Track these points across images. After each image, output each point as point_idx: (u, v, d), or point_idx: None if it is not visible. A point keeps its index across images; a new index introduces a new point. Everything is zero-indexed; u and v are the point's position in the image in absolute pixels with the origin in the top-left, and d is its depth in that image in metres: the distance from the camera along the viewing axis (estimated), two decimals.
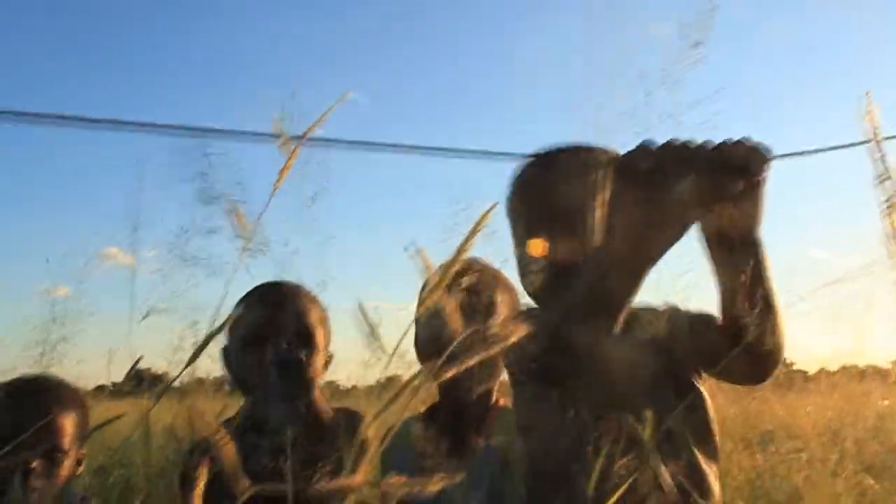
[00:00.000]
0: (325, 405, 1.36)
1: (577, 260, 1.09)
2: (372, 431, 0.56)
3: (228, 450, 0.45)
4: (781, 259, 1.00)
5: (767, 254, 0.94)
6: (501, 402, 1.60)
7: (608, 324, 1.02)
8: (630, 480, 0.97)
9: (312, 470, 0.90)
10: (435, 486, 0.45)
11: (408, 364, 1.63)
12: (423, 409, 1.76)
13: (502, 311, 1.46)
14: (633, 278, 0.92)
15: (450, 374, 0.57)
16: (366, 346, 0.54)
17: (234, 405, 1.52)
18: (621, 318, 1.06)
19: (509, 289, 1.49)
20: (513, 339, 0.65)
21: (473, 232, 0.51)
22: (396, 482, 0.45)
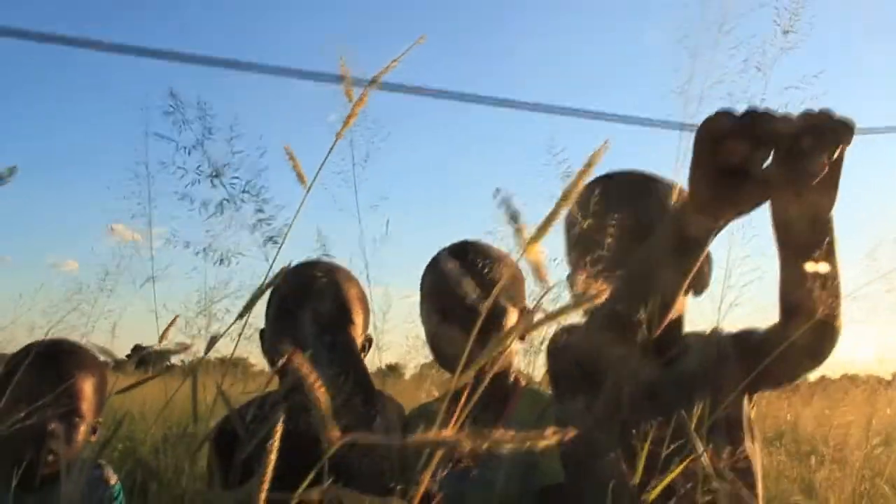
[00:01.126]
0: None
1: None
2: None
3: (322, 394, 0.42)
4: None
5: (836, 234, 0.92)
6: (523, 382, 1.57)
7: (657, 320, 1.00)
8: (679, 468, 0.95)
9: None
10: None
11: (409, 348, 1.61)
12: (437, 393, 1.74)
13: (509, 289, 1.43)
14: (699, 243, 0.90)
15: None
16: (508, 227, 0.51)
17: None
18: (673, 308, 1.04)
19: (512, 266, 1.46)
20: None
21: (588, 166, 0.48)
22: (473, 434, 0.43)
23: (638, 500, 0.96)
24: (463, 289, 1.26)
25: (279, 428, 0.49)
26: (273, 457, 0.47)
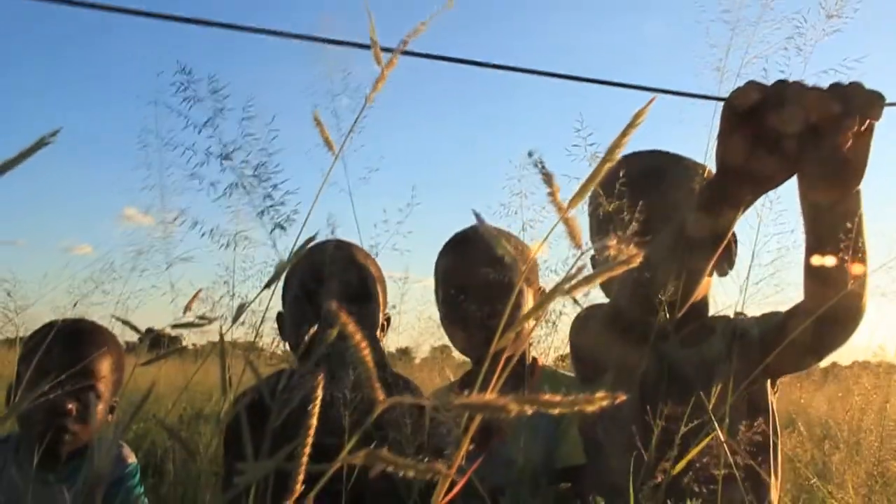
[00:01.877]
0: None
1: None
2: None
3: (368, 354, 0.41)
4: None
5: (863, 208, 0.91)
6: (541, 362, 1.57)
7: (685, 295, 0.99)
8: (698, 448, 0.94)
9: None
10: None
11: (422, 331, 1.60)
12: (454, 378, 1.73)
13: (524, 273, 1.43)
14: (728, 214, 0.89)
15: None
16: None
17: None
18: (697, 289, 1.03)
19: (526, 248, 1.46)
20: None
21: (632, 125, 0.47)
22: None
23: (652, 476, 0.96)
24: (480, 271, 1.26)
25: (319, 394, 0.48)
26: (314, 421, 0.47)
